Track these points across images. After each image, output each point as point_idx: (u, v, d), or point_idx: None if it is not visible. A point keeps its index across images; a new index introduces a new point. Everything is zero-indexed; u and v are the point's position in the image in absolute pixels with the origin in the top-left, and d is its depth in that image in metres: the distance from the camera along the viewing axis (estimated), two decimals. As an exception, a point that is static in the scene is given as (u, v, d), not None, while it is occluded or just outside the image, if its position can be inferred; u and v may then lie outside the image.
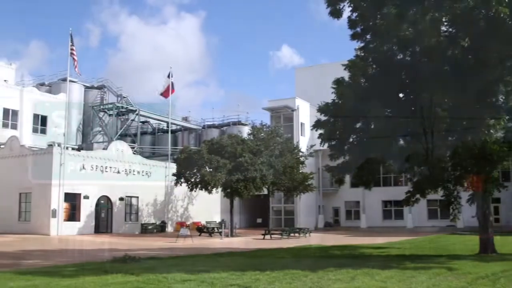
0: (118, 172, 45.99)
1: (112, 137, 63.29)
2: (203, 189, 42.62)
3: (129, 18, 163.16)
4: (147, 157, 56.50)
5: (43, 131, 57.21)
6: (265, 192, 49.66)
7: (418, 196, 23.78)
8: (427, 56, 19.75)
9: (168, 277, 15.03)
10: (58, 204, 40.80)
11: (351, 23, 21.52)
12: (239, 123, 71.31)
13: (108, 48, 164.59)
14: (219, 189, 45.95)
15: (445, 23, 19.45)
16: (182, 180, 43.76)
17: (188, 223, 50.44)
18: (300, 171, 48.71)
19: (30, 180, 41.96)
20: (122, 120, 69.81)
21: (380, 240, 36.69)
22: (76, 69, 44.24)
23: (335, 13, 21.37)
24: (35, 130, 56.58)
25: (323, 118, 21.96)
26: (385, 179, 57.23)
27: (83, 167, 43.11)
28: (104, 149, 47.79)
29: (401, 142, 21.56)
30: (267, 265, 18.32)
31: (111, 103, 67.48)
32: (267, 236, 40.33)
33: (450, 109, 18.05)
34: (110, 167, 45.32)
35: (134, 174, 47.46)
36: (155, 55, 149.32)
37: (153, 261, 20.58)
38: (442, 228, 51.39)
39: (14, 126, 54.27)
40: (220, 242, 35.80)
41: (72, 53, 43.52)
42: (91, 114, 66.90)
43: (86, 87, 67.84)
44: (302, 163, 49.11)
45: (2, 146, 46.74)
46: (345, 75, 21.55)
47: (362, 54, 21.76)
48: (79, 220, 42.56)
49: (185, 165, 42.89)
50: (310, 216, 59.03)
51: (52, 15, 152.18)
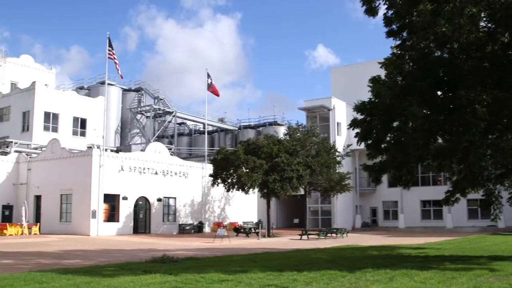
0: (156, 173, 46.48)
1: (150, 139, 64.10)
2: (240, 189, 42.72)
3: (166, 22, 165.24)
4: (184, 158, 56.99)
5: (83, 134, 58.38)
6: (302, 192, 49.48)
7: (458, 195, 23.34)
8: (465, 53, 19.35)
9: (205, 277, 15.11)
10: (98, 205, 41.48)
11: (387, 21, 21.26)
12: (275, 123, 71.36)
13: (145, 51, 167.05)
14: (256, 190, 46.04)
15: (484, 19, 19.03)
16: (218, 180, 43.97)
17: (225, 223, 50.66)
18: (337, 171, 48.35)
19: (70, 182, 42.82)
20: (159, 122, 70.66)
21: (419, 241, 36.18)
22: (119, 72, 44.87)
23: (371, 11, 21.15)
24: (75, 133, 57.78)
25: (359, 117, 21.75)
26: (423, 178, 56.40)
27: (122, 169, 43.73)
28: (142, 150, 48.40)
29: (440, 140, 21.18)
30: (304, 266, 18.25)
31: (148, 105, 68.40)
32: (304, 237, 40.19)
33: (489, 106, 17.61)
34: (148, 169, 45.85)
35: (171, 175, 47.90)
36: (191, 57, 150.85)
37: (191, 261, 20.70)
38: (482, 229, 50.35)
39: (54, 129, 55.57)
40: (257, 243, 35.81)
41: (111, 57, 44.11)
42: (129, 116, 67.94)
43: (124, 90, 68.93)
44: (339, 162, 48.74)
45: (44, 148, 47.79)
46: (381, 73, 21.29)
47: (399, 52, 21.46)
48: (118, 221, 43.18)
49: (222, 166, 43.06)
50: (347, 216, 58.61)
51: (91, 21, 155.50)
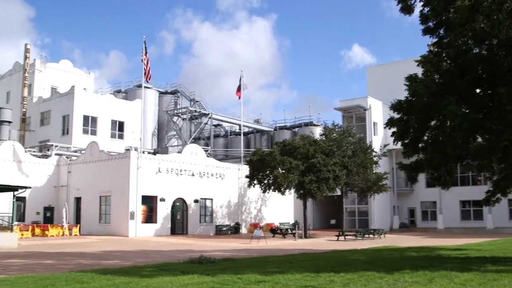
0: (193, 174, 46.84)
1: (186, 141, 64.65)
2: (276, 190, 42.69)
3: (201, 25, 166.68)
4: (220, 160, 57.27)
5: (121, 136, 59.24)
6: (339, 192, 49.17)
7: (499, 195, 22.86)
8: (505, 49, 18.95)
9: (242, 278, 15.15)
10: (136, 206, 42.01)
11: (423, 18, 20.97)
12: (311, 124, 71.11)
13: (182, 54, 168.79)
14: (292, 190, 45.96)
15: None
16: (255, 181, 44.02)
17: (261, 224, 50.68)
18: (374, 171, 47.89)
19: (109, 184, 43.50)
20: (195, 123, 71.22)
21: (458, 242, 35.56)
22: (148, 76, 45.25)
23: (406, 9, 20.91)
24: (113, 136, 58.68)
25: (396, 116, 21.51)
26: (462, 178, 55.34)
27: (159, 171, 44.20)
28: (178, 152, 48.84)
29: (479, 139, 20.77)
30: (341, 267, 18.13)
31: (184, 108, 69.02)
32: (341, 238, 39.94)
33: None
34: (185, 170, 46.23)
35: (208, 177, 48.18)
36: (227, 59, 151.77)
37: (228, 262, 20.80)
38: (525, 229, 49.20)
39: (93, 132, 56.53)
40: (293, 243, 35.74)
41: (147, 60, 44.66)
42: (165, 118, 68.68)
43: (161, 93, 69.71)
44: (376, 163, 48.27)
45: (83, 151, 48.68)
46: (418, 71, 21.01)
47: (436, 49, 21.15)
48: (155, 222, 43.65)
49: (258, 167, 43.11)
50: (384, 217, 57.98)
51: (130, 26, 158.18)
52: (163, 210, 44.26)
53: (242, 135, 59.08)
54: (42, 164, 47.97)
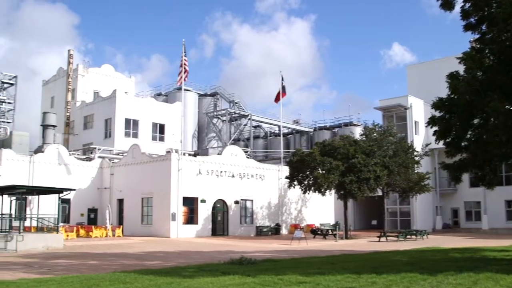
0: (233, 176, 47.05)
1: (226, 142, 65.02)
2: (316, 191, 42.48)
3: (241, 27, 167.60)
4: (260, 161, 57.35)
5: (162, 139, 59.99)
6: (380, 193, 48.62)
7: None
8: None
9: (283, 279, 15.14)
10: (177, 208, 42.44)
11: (464, 14, 20.56)
12: (350, 124, 70.62)
13: (222, 57, 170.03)
14: (333, 191, 45.67)
15: None
16: (295, 182, 43.90)
17: (302, 225, 50.52)
18: (416, 171, 47.16)
19: (151, 186, 44.08)
20: (235, 125, 71.52)
21: (504, 243, 34.68)
22: (185, 79, 45.60)
23: (447, 5, 20.53)
24: (154, 138, 59.48)
25: (437, 114, 21.13)
26: (508, 177, 53.91)
27: (200, 172, 44.56)
28: (218, 154, 49.13)
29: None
30: (383, 268, 17.92)
31: (224, 109, 69.41)
32: (383, 238, 39.47)
33: None
34: (225, 171, 46.49)
35: (248, 178, 48.32)
36: (267, 61, 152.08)
37: (269, 263, 20.81)
38: None
39: (135, 135, 57.44)
40: (334, 244, 35.52)
41: (183, 63, 45.08)
42: (205, 120, 69.20)
43: (200, 95, 70.30)
44: (417, 162, 47.51)
45: (125, 154, 49.46)
46: (460, 68, 20.59)
47: (478, 45, 20.71)
48: (196, 223, 44.01)
49: (298, 168, 42.98)
50: (427, 217, 57.02)
51: (171, 30, 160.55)
52: (204, 212, 44.59)
53: (281, 136, 59.03)
54: (86, 167, 48.96)
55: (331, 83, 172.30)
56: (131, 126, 58.04)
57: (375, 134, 47.17)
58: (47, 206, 36.74)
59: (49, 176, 44.68)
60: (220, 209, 46.27)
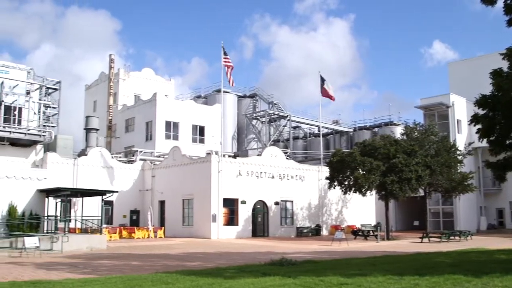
0: (273, 177, 47.07)
1: (266, 143, 65.09)
2: (357, 191, 42.13)
3: (279, 29, 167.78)
4: (299, 162, 57.22)
5: (201, 141, 60.46)
6: (422, 193, 47.87)
7: None
8: None
9: (324, 280, 15.05)
10: (218, 209, 42.73)
11: (507, 9, 20.04)
12: (391, 123, 69.83)
13: (261, 58, 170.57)
14: (373, 192, 45.23)
15: None
16: (335, 183, 43.65)
17: (342, 226, 50.18)
18: (459, 171, 46.24)
19: (191, 187, 44.50)
20: (274, 126, 71.54)
21: (553, 243, 33.70)
22: (229, 78, 45.87)
23: (489, 0, 20.07)
24: (194, 140, 59.99)
25: (480, 112, 20.68)
26: (556, 176, 52.33)
27: (240, 173, 44.75)
28: (258, 155, 49.23)
29: None
30: (426, 270, 17.65)
31: (263, 111, 69.54)
32: (425, 239, 38.86)
33: None
34: (265, 173, 46.56)
35: (288, 179, 48.27)
36: (306, 61, 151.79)
37: (309, 264, 20.73)
38: None
39: (175, 137, 58.06)
40: (376, 245, 35.15)
41: (226, 64, 45.34)
42: (244, 122, 69.45)
43: (239, 97, 70.60)
44: (460, 162, 46.57)
45: (166, 156, 50.06)
46: (504, 65, 20.09)
47: (522, 41, 20.24)
48: (237, 224, 44.20)
49: (338, 168, 42.71)
50: (471, 218, 55.85)
51: (211, 33, 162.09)
52: (244, 213, 44.75)
53: (321, 136, 58.77)
54: (128, 169, 49.76)
55: (371, 83, 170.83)
56: (172, 128, 58.68)
57: (416, 134, 46.45)
58: (91, 208, 37.52)
59: (92, 178, 45.58)
60: (260, 210, 46.35)
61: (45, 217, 33.56)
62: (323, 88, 52.85)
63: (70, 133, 64.88)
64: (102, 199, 34.09)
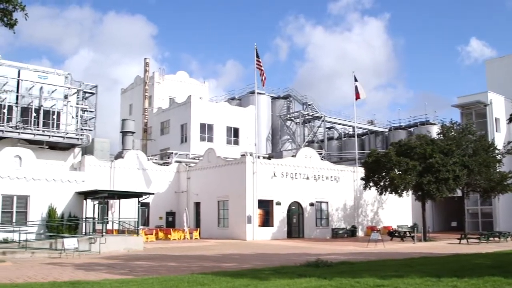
0: (307, 178, 46.94)
1: (300, 144, 64.91)
2: (393, 192, 41.72)
3: (314, 30, 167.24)
4: (334, 162, 56.93)
5: (236, 142, 60.67)
6: (459, 193, 47.10)
7: None
8: None
9: (360, 282, 14.94)
10: (253, 210, 42.82)
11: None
12: (427, 123, 68.92)
13: (295, 60, 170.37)
14: (410, 192, 44.71)
15: None
16: (370, 184, 43.33)
17: (378, 227, 49.73)
18: (497, 170, 45.35)
19: (226, 189, 44.70)
20: (308, 127, 71.29)
21: None
22: (262, 80, 45.89)
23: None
24: (228, 142, 60.25)
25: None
26: None
27: (274, 175, 44.77)
28: (292, 156, 49.17)
29: None
30: (465, 272, 17.34)
31: (297, 112, 69.36)
32: (463, 241, 38.21)
33: None
34: (300, 174, 46.45)
35: (323, 180, 48.07)
36: (341, 62, 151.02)
37: (345, 265, 20.60)
38: None
39: (210, 139, 58.41)
40: (412, 247, 34.72)
41: (258, 67, 45.43)
42: (278, 123, 69.37)
43: (273, 98, 70.55)
44: (499, 161, 45.66)
45: (201, 158, 50.42)
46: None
47: None
48: (272, 226, 44.21)
49: (373, 169, 42.37)
50: (511, 218, 54.59)
51: (245, 36, 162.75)
52: (279, 214, 44.74)
53: (356, 136, 58.37)
54: (163, 171, 50.28)
55: (407, 82, 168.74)
56: (206, 130, 59.06)
57: (453, 133, 45.75)
58: (127, 209, 38.03)
59: (128, 180, 46.21)
60: (295, 211, 46.28)
61: (83, 219, 34.16)
62: (357, 88, 52.49)
63: (106, 136, 66.13)
64: (139, 201, 34.51)
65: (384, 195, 44.49)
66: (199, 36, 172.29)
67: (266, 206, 44.21)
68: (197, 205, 48.58)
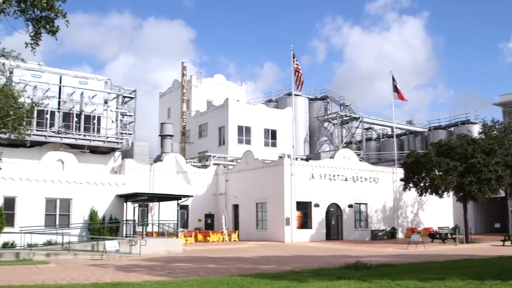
0: (346, 179, 46.61)
1: (338, 146, 64.57)
2: (433, 193, 41.13)
3: (351, 30, 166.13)
4: (373, 163, 56.38)
5: (274, 144, 60.70)
6: (502, 194, 46.07)
7: None
8: None
9: (401, 284, 14.76)
10: (291, 212, 42.74)
11: None
12: (468, 122, 67.71)
13: (333, 61, 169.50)
14: (451, 193, 43.98)
15: None
16: (410, 185, 42.77)
17: (419, 229, 49.03)
18: (542, 170, 44.19)
19: (264, 191, 44.74)
20: (346, 128, 70.86)
21: None
22: (298, 82, 45.76)
23: None
24: (266, 144, 60.33)
25: None
26: None
27: (312, 176, 44.60)
28: (331, 157, 48.90)
29: None
30: (509, 274, 16.92)
31: (334, 113, 69.04)
32: (507, 243, 37.35)
33: None
34: (338, 175, 46.16)
35: (361, 181, 47.66)
36: (379, 62, 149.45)
37: (385, 268, 20.39)
38: None
39: (247, 142, 58.62)
40: (454, 249, 34.13)
41: (296, 69, 45.37)
42: (316, 124, 69.16)
43: (310, 100, 70.37)
44: (544, 161, 44.48)
45: (239, 160, 50.61)
46: None
47: None
48: (310, 228, 44.03)
49: (413, 170, 41.83)
50: (558, 219, 53.13)
51: (283, 38, 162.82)
52: (318, 216, 44.54)
53: (394, 137, 57.68)
54: (202, 174, 50.64)
55: (447, 81, 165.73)
56: (244, 133, 59.28)
57: (495, 132, 44.84)
58: (167, 212, 38.44)
59: (167, 183, 46.68)
60: (333, 213, 46.00)
61: (124, 221, 34.73)
62: (395, 88, 51.86)
63: (146, 140, 66.79)
64: (178, 204, 34.89)
65: (424, 196, 43.84)
66: (236, 40, 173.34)
67: (304, 208, 44.07)
68: (236, 207, 48.77)
